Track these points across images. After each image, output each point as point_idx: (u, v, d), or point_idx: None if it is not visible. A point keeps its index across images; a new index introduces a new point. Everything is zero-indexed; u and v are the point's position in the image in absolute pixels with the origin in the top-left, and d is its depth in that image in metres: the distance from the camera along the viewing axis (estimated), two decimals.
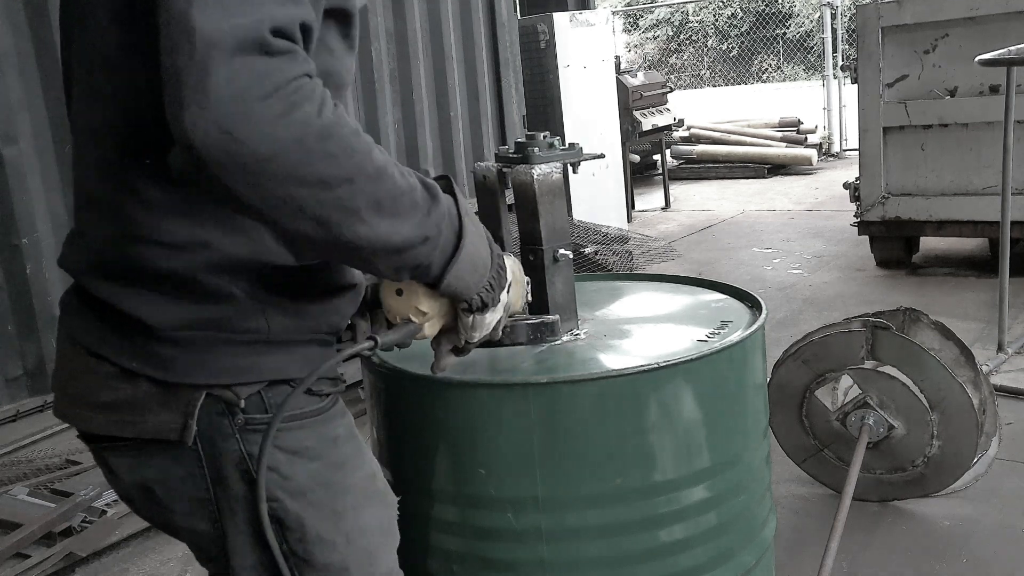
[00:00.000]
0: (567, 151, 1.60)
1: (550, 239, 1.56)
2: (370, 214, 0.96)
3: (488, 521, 1.55)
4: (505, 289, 1.20)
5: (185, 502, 1.16)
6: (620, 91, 8.12)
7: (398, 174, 1.00)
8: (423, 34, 6.29)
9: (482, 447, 1.51)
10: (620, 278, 2.20)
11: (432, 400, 1.54)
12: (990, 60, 3.97)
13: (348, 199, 0.94)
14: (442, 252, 1.06)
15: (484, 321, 1.18)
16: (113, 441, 1.15)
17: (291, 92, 0.89)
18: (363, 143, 0.97)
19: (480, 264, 1.12)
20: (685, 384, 1.52)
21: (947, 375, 2.72)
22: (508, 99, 6.97)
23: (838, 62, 11.14)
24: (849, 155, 10.78)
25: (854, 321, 2.86)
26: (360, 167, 0.95)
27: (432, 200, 1.05)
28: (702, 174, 10.66)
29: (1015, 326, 4.50)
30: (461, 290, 1.12)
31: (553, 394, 1.46)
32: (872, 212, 5.80)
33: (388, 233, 0.98)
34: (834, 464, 2.95)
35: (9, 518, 3.19)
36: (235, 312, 1.07)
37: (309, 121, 0.90)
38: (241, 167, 0.89)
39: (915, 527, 2.92)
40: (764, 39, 24.75)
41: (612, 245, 6.14)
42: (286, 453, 1.11)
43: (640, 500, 1.52)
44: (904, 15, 5.49)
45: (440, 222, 1.05)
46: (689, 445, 1.55)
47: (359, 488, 1.19)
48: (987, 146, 5.30)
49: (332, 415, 1.17)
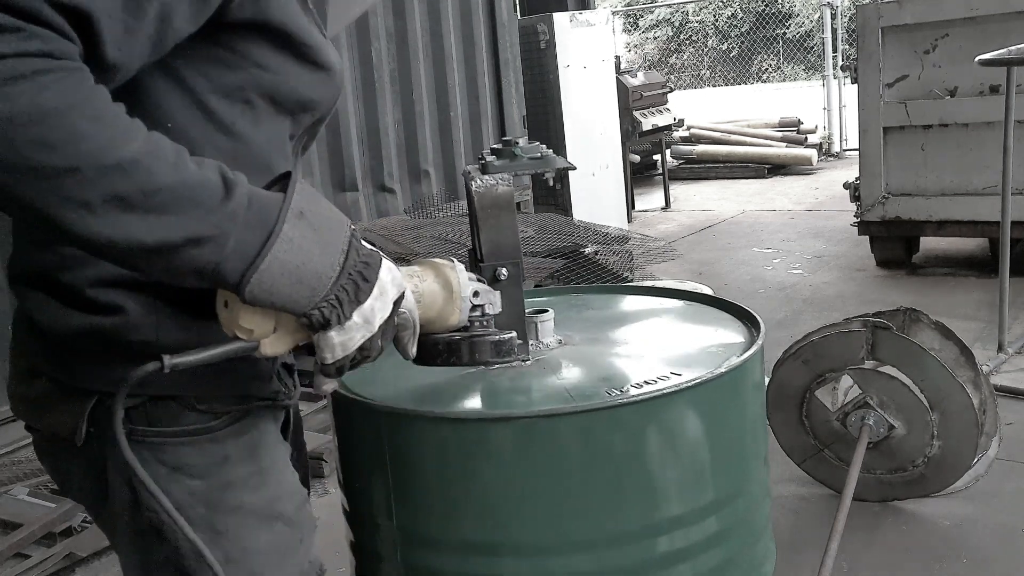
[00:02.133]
0: (527, 162, 1.46)
1: (491, 256, 1.43)
2: (108, 209, 0.87)
3: (456, 567, 1.38)
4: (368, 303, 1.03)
5: (87, 497, 1.21)
6: (620, 91, 8.12)
7: (166, 168, 0.90)
8: (423, 34, 6.29)
9: (451, 486, 1.35)
10: (605, 291, 2.01)
11: (399, 436, 1.37)
12: (990, 60, 3.97)
13: (73, 191, 0.86)
14: (235, 256, 0.93)
15: (331, 342, 1.02)
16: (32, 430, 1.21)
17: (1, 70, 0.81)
18: (106, 131, 0.87)
19: (309, 275, 0.97)
20: (687, 411, 1.37)
21: (947, 375, 2.72)
22: (508, 99, 6.97)
23: (838, 62, 11.14)
24: (849, 155, 10.78)
25: (854, 321, 2.86)
26: (91, 156, 0.86)
27: (224, 198, 0.93)
28: (702, 174, 10.66)
29: (1015, 326, 4.50)
30: (280, 303, 0.98)
31: (528, 428, 1.30)
32: (872, 212, 5.80)
33: (137, 231, 0.89)
34: (834, 464, 2.95)
35: (9, 518, 3.20)
36: (125, 325, 1.06)
37: (19, 101, 0.82)
38: None
39: (915, 527, 2.92)
40: (764, 39, 24.75)
41: (612, 245, 6.14)
42: (167, 468, 1.10)
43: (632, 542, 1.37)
44: (904, 15, 5.49)
45: (225, 222, 0.92)
46: (692, 478, 1.40)
47: (250, 509, 1.14)
48: (987, 146, 5.30)
49: (224, 435, 1.13)
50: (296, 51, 1.07)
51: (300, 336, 1.05)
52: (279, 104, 1.09)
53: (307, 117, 1.15)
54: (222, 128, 1.06)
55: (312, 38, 1.09)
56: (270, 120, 1.10)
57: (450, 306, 1.24)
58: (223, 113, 1.05)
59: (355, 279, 1.01)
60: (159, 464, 1.10)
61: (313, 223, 0.99)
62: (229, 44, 1.03)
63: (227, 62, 1.04)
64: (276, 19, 1.04)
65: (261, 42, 1.05)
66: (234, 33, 1.03)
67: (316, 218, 0.99)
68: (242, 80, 1.05)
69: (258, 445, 1.17)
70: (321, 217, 1.00)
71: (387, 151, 6.03)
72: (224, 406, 1.13)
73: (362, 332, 1.04)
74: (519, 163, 1.47)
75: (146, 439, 1.10)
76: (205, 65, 1.03)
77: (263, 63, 1.05)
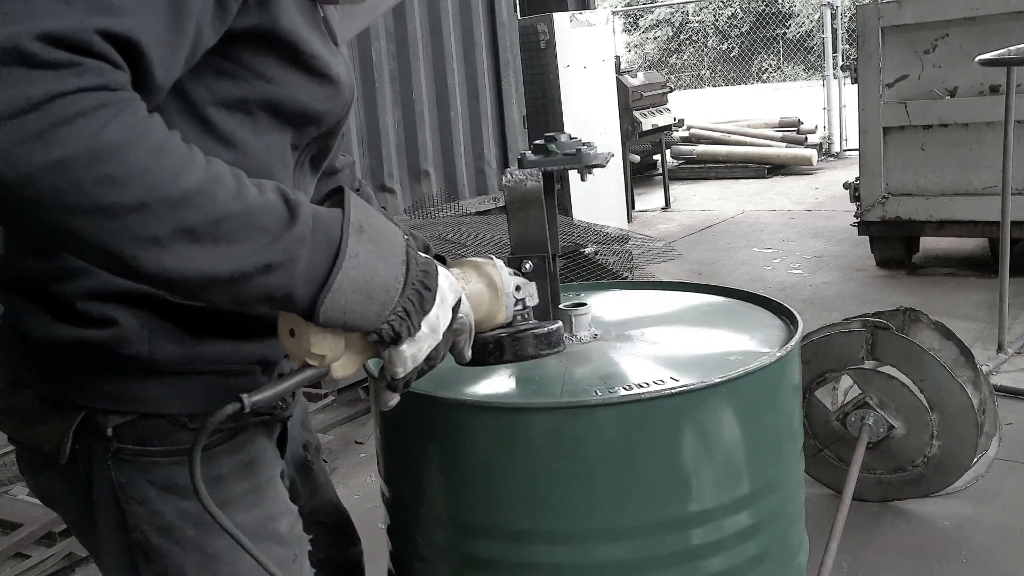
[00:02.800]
0: (560, 158, 1.51)
1: (518, 248, 1.48)
2: (178, 242, 0.84)
3: (496, 554, 1.40)
4: (432, 312, 1.02)
5: (69, 514, 1.17)
6: (620, 91, 8.12)
7: (229, 195, 0.87)
8: (423, 34, 6.29)
9: (490, 475, 1.38)
10: (644, 287, 2.01)
11: (439, 423, 1.40)
12: (990, 60, 3.97)
13: (142, 227, 0.83)
14: (306, 280, 0.91)
15: (403, 355, 1.01)
16: (14, 443, 1.17)
17: (58, 108, 0.78)
18: (168, 163, 0.84)
19: (378, 289, 0.96)
20: (725, 405, 1.38)
21: (947, 375, 2.72)
22: (508, 99, 6.97)
23: (838, 62, 11.15)
24: (849, 155, 10.78)
25: (854, 321, 2.86)
26: (157, 190, 0.83)
27: (289, 221, 0.91)
28: (702, 174, 10.66)
29: (1015, 326, 4.50)
30: (353, 323, 0.96)
31: (570, 418, 1.32)
32: (872, 212, 5.80)
33: (210, 264, 0.86)
34: (834, 464, 2.95)
35: (9, 518, 3.20)
36: (116, 338, 1.03)
37: (78, 140, 0.79)
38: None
39: (915, 527, 2.92)
40: (764, 39, 24.75)
41: (612, 245, 6.13)
42: (156, 488, 1.08)
43: (667, 533, 1.38)
44: (904, 15, 5.49)
45: (294, 246, 0.90)
46: (729, 470, 1.41)
47: (245, 529, 1.07)
48: (987, 146, 5.30)
49: (218, 452, 1.10)
50: (302, 63, 1.05)
51: (369, 354, 1.04)
52: (281, 115, 1.07)
53: (312, 129, 1.12)
54: (221, 140, 1.03)
55: (318, 50, 1.07)
56: (270, 131, 1.07)
57: (496, 304, 1.24)
58: (222, 124, 1.03)
59: (419, 289, 1.00)
60: (148, 484, 1.07)
61: (373, 236, 0.97)
62: (234, 56, 1.01)
63: (231, 73, 1.02)
64: (284, 27, 1.02)
65: (267, 54, 1.03)
66: (242, 45, 1.01)
67: (374, 231, 0.98)
68: (244, 91, 1.03)
69: (254, 462, 1.15)
70: (378, 230, 0.99)
71: (387, 151, 6.04)
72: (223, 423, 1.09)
73: (429, 341, 1.03)
74: (552, 159, 1.52)
75: (137, 458, 1.07)
76: (207, 76, 1.01)
77: (267, 75, 1.03)
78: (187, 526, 1.09)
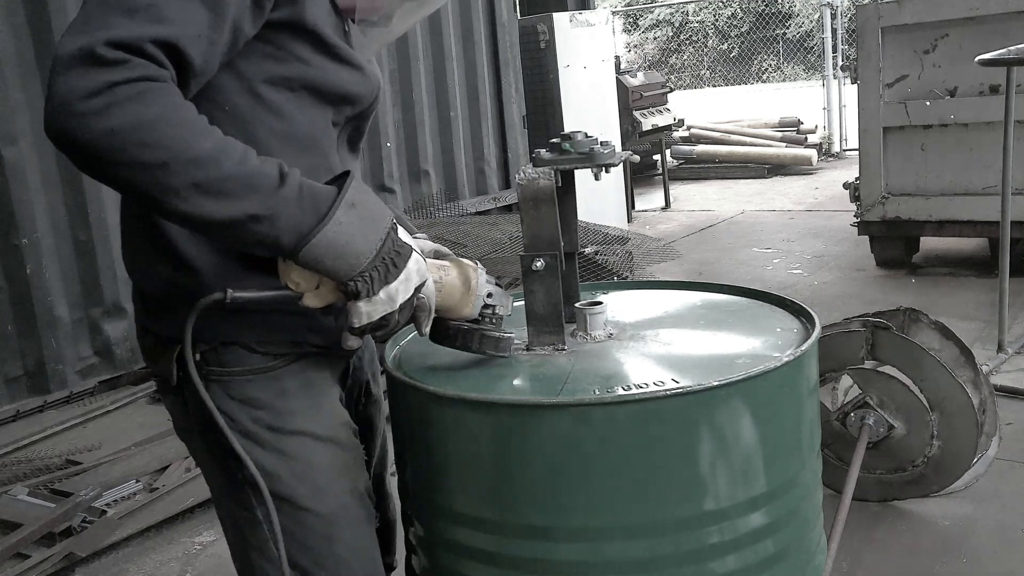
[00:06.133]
0: (574, 156, 1.53)
1: (530, 246, 1.52)
2: (190, 193, 1.13)
3: (512, 551, 1.42)
4: (393, 285, 1.26)
5: (181, 429, 1.46)
6: (620, 91, 8.13)
7: (233, 162, 1.15)
8: (423, 34, 6.29)
9: (504, 471, 1.40)
10: (662, 286, 2.00)
11: (453, 419, 1.44)
12: (990, 60, 3.97)
13: (165, 180, 1.12)
14: (291, 232, 1.18)
15: (359, 310, 1.26)
16: (152, 376, 1.49)
17: (115, 93, 1.09)
18: (187, 134, 1.13)
19: (350, 253, 1.21)
20: (743, 404, 1.39)
21: (947, 375, 2.72)
22: (508, 99, 6.98)
23: (838, 62, 11.15)
24: (849, 155, 10.78)
25: (854, 321, 2.86)
26: (177, 153, 1.12)
27: (279, 187, 1.18)
28: (702, 174, 10.67)
29: (1015, 326, 4.50)
30: (324, 270, 1.22)
31: (586, 417, 1.34)
32: (872, 212, 5.80)
33: (212, 211, 1.15)
34: (834, 464, 2.95)
35: (9, 518, 3.20)
36: (199, 283, 1.30)
37: (127, 115, 1.09)
38: (75, 151, 1.11)
39: (915, 527, 2.92)
40: (764, 39, 24.75)
41: (612, 245, 6.13)
42: (236, 401, 1.35)
43: (684, 531, 1.39)
44: (904, 15, 5.49)
45: (280, 205, 1.17)
46: (745, 469, 1.41)
47: (309, 432, 1.38)
48: (987, 146, 5.30)
49: (282, 373, 1.37)
50: (328, 51, 1.30)
51: (336, 297, 1.28)
52: (321, 95, 1.32)
53: (348, 109, 1.37)
54: (271, 110, 1.29)
55: (340, 42, 1.31)
56: (313, 107, 1.32)
57: (465, 299, 1.44)
58: (272, 98, 1.29)
59: (387, 263, 1.25)
60: (229, 398, 1.35)
61: (361, 213, 1.23)
62: (275, 41, 1.26)
63: (274, 56, 1.27)
64: (309, 22, 1.27)
65: (301, 41, 1.28)
66: (278, 32, 1.26)
67: (364, 209, 1.24)
68: (286, 71, 1.28)
69: (313, 383, 1.40)
70: (369, 210, 1.24)
71: (387, 151, 6.03)
72: (279, 349, 1.36)
73: (385, 307, 1.27)
74: (566, 158, 1.56)
75: (221, 378, 1.34)
76: (257, 58, 1.27)
77: (304, 58, 1.29)
78: (262, 430, 1.35)
